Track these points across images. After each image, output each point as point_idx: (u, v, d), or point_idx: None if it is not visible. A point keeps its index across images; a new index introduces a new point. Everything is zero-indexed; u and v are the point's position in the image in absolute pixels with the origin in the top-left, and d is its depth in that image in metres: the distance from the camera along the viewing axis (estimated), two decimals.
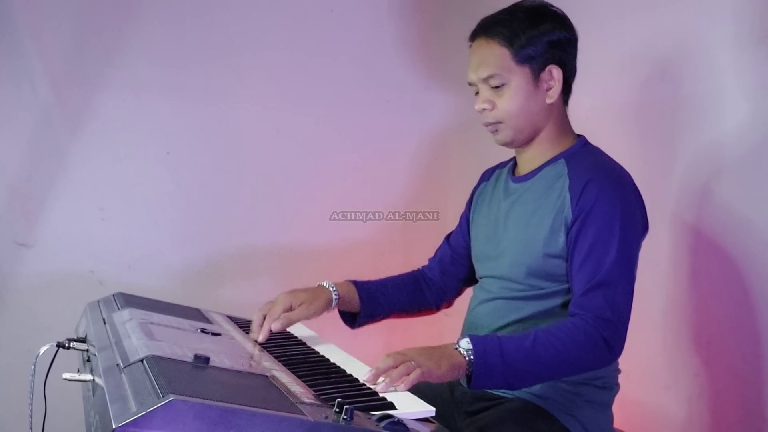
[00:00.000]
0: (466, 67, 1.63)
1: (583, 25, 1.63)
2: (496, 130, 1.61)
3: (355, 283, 1.75)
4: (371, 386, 1.30)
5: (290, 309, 1.63)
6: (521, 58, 1.54)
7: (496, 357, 1.34)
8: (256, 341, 1.58)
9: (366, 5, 2.61)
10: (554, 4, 1.62)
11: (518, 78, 1.55)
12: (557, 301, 1.53)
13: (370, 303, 1.75)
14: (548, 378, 1.46)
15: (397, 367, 1.29)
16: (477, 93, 1.61)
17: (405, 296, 1.81)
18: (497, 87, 1.56)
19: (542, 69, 1.55)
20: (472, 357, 1.33)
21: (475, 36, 1.60)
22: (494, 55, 1.56)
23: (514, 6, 1.61)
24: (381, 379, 1.29)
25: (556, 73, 1.56)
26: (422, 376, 1.29)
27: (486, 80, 1.57)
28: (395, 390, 1.28)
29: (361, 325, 1.78)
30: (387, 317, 1.81)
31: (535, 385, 1.51)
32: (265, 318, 1.61)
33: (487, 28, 1.58)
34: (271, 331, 1.58)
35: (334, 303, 1.68)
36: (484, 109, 1.59)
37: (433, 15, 2.61)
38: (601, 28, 2.17)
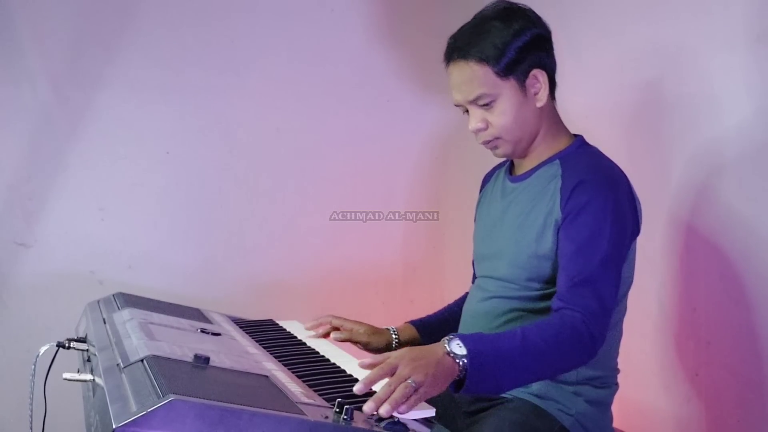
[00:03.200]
0: None
1: (582, 25, 1.63)
2: (496, 147, 1.59)
3: (414, 323, 1.81)
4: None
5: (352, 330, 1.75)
6: (504, 72, 1.52)
7: (490, 364, 1.28)
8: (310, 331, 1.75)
9: (366, 5, 2.61)
10: (554, 4, 1.60)
11: (506, 91, 1.53)
12: (550, 303, 1.51)
13: (431, 341, 1.81)
14: (533, 380, 1.43)
15: (392, 383, 1.18)
16: (465, 112, 1.59)
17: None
18: (487, 104, 1.54)
19: (526, 76, 1.53)
20: (465, 361, 1.26)
21: (450, 58, 1.57)
22: (476, 75, 1.52)
23: (480, 17, 1.57)
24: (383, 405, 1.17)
25: (540, 76, 1.54)
26: (423, 396, 1.20)
27: (474, 101, 1.55)
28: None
29: None
30: None
31: (532, 385, 1.50)
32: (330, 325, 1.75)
33: (462, 48, 1.54)
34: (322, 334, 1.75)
35: (393, 346, 1.75)
36: (479, 129, 1.57)
37: (433, 14, 2.61)
38: (600, 28, 2.17)
